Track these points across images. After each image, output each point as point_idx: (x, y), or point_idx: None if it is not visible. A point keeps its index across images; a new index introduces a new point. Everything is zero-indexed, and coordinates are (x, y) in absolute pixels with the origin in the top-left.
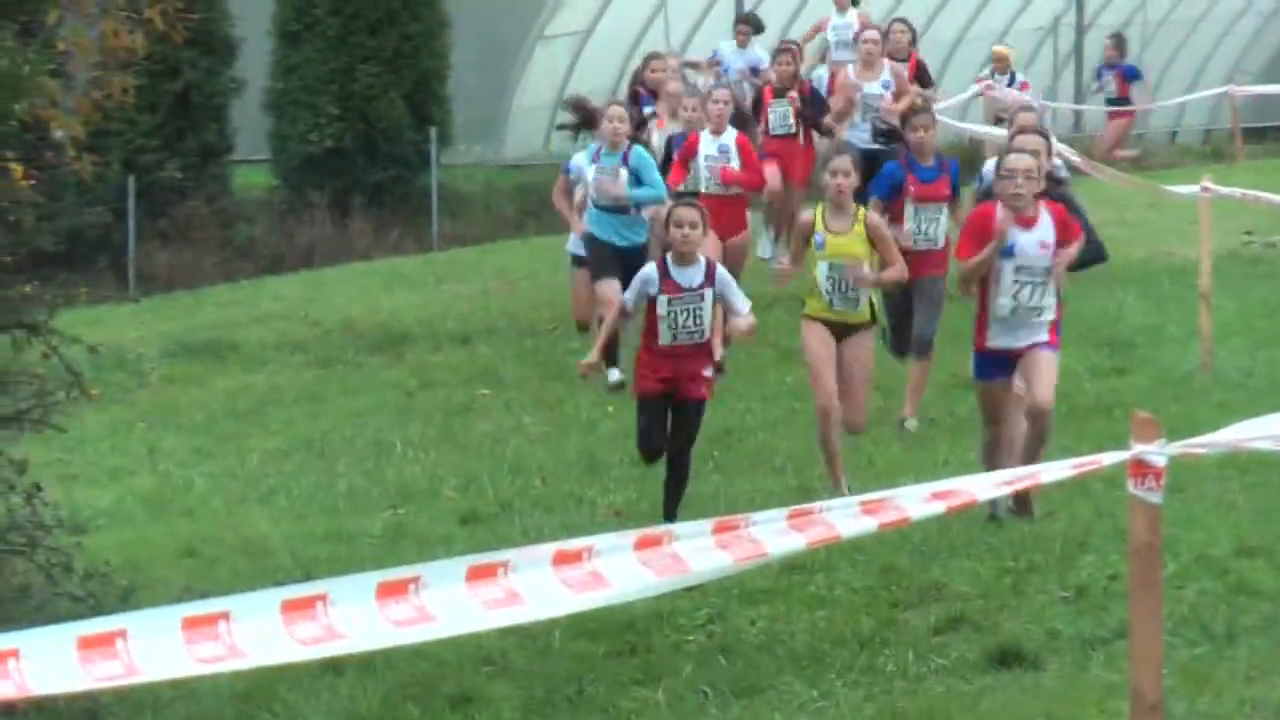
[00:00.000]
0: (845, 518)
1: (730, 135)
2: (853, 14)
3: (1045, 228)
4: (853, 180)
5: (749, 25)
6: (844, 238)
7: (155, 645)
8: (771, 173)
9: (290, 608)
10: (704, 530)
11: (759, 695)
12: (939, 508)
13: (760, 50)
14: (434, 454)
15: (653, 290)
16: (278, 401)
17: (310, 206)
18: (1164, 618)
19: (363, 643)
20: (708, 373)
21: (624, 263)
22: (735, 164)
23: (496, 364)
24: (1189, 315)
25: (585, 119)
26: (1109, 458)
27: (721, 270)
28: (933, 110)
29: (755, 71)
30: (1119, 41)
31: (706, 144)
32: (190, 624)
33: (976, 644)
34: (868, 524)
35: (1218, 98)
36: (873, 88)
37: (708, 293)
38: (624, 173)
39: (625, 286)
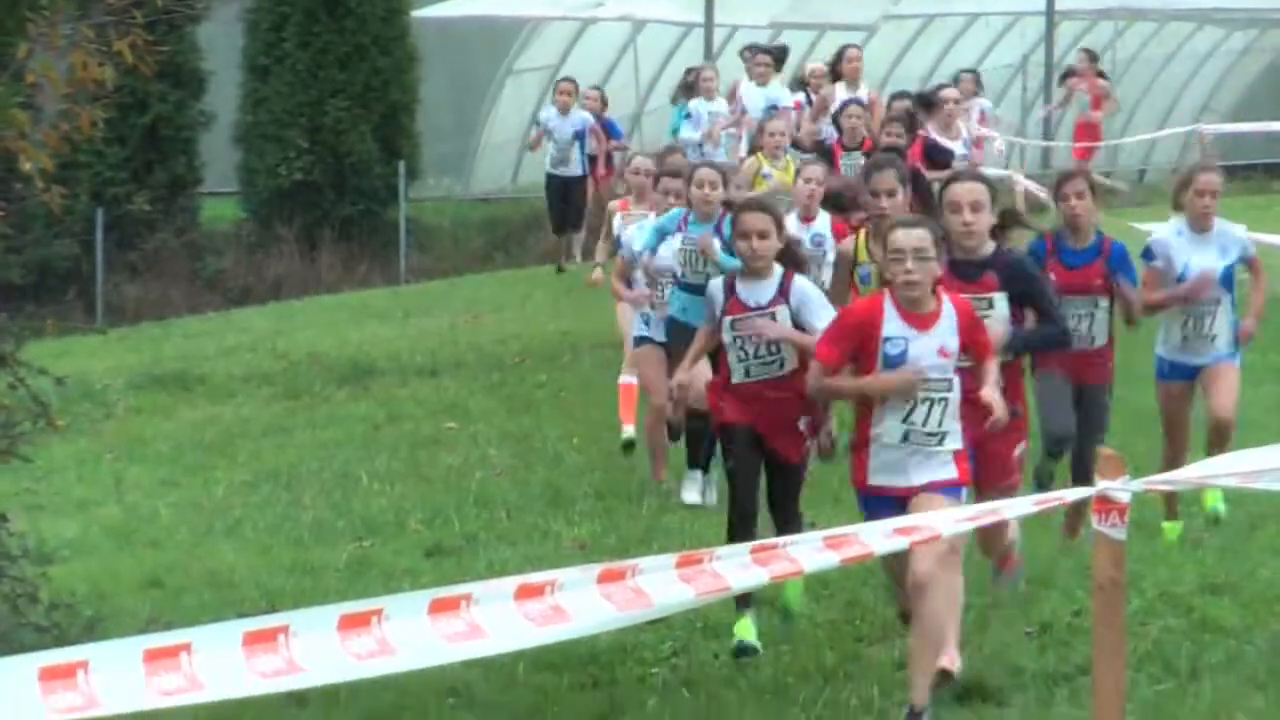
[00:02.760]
0: (809, 552)
1: (824, 222)
2: (864, 90)
3: (947, 328)
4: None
5: (770, 57)
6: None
7: (116, 677)
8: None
9: (252, 640)
10: (667, 564)
11: None
12: (903, 543)
13: (780, 87)
14: (400, 487)
15: (717, 310)
16: (244, 433)
17: (279, 239)
18: (1128, 654)
19: (324, 675)
20: (801, 425)
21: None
22: (831, 257)
23: (463, 397)
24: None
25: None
26: (1073, 494)
27: (802, 283)
28: (1088, 175)
29: (774, 109)
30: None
31: (796, 231)
32: (152, 656)
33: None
34: (831, 558)
35: (1187, 135)
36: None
37: (781, 310)
38: (717, 243)
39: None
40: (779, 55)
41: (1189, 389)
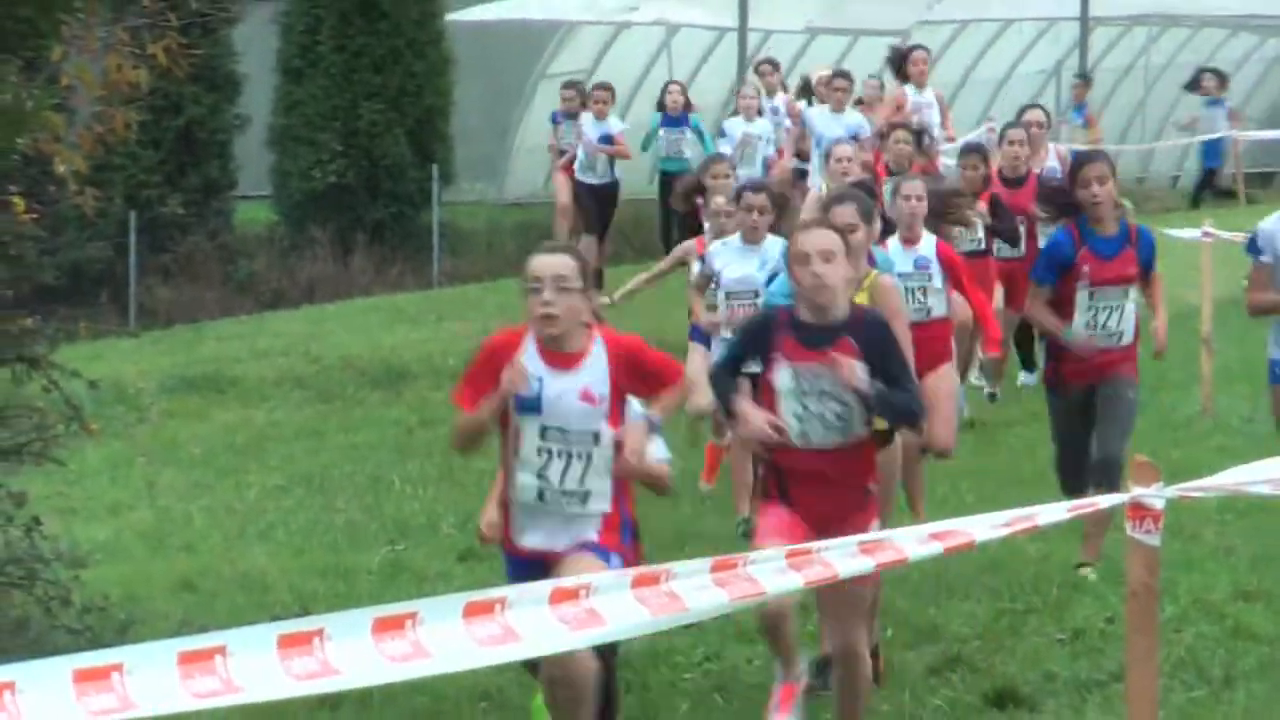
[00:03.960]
0: (843, 557)
1: (929, 244)
2: (930, 91)
3: (594, 370)
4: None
5: (848, 81)
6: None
7: (151, 679)
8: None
9: (287, 643)
10: (702, 569)
11: None
12: (937, 548)
13: (858, 114)
14: (433, 490)
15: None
16: (277, 437)
17: (312, 243)
18: (1161, 661)
19: (359, 678)
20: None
21: None
22: (938, 283)
23: None
24: (1190, 360)
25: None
26: (1107, 500)
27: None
28: (1109, 158)
29: (855, 139)
30: (1087, 82)
31: (898, 259)
32: (187, 658)
33: (973, 685)
34: (865, 564)
35: (1221, 142)
36: None
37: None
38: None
39: None
40: (847, 76)
41: None
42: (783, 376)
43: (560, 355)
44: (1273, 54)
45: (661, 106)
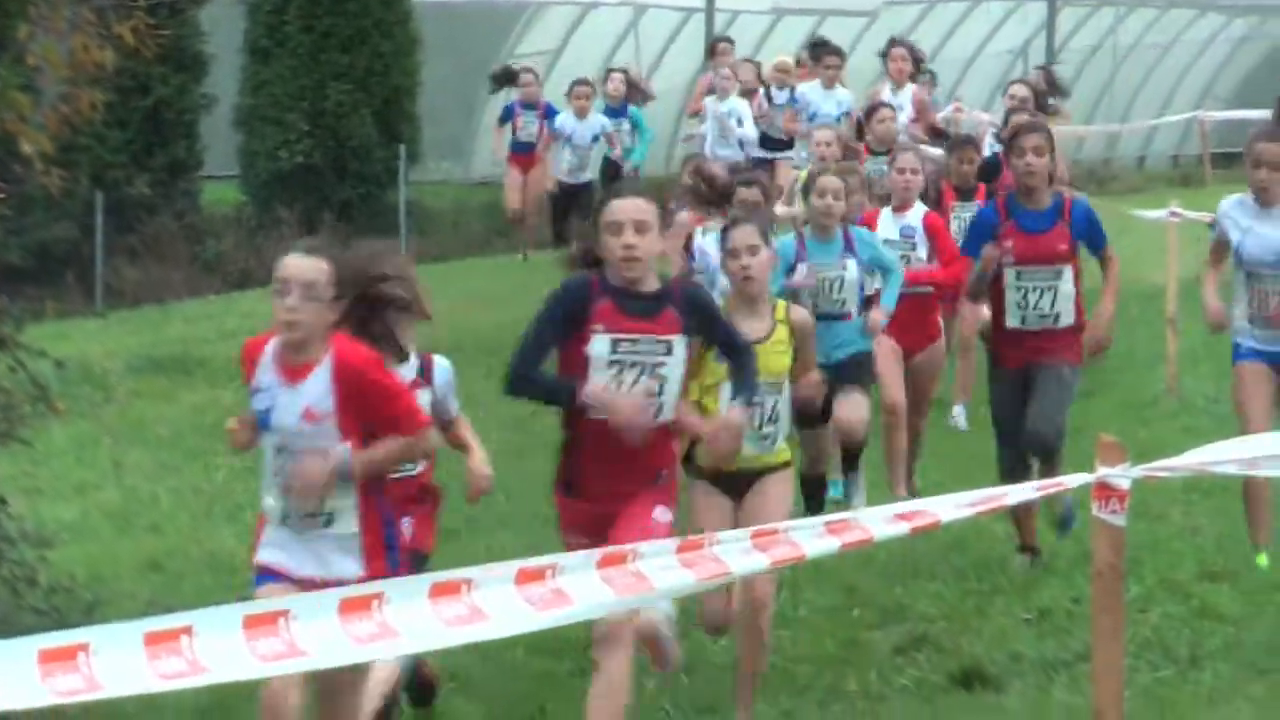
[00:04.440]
0: (809, 537)
1: (917, 214)
2: (909, 91)
3: (318, 385)
4: (764, 257)
5: (839, 58)
6: (761, 345)
7: (117, 660)
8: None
9: (253, 623)
10: (668, 549)
11: (721, 714)
12: (903, 528)
13: (845, 91)
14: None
15: None
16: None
17: (279, 223)
18: (1126, 641)
19: (325, 659)
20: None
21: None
22: (922, 253)
23: (463, 381)
24: (1156, 340)
25: None
26: (1073, 480)
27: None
28: (1048, 130)
29: (848, 116)
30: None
31: (886, 226)
32: (153, 639)
33: (939, 665)
34: (831, 544)
35: (1187, 123)
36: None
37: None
38: (851, 262)
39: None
40: (839, 52)
41: None
42: (599, 345)
43: (292, 368)
44: (1239, 34)
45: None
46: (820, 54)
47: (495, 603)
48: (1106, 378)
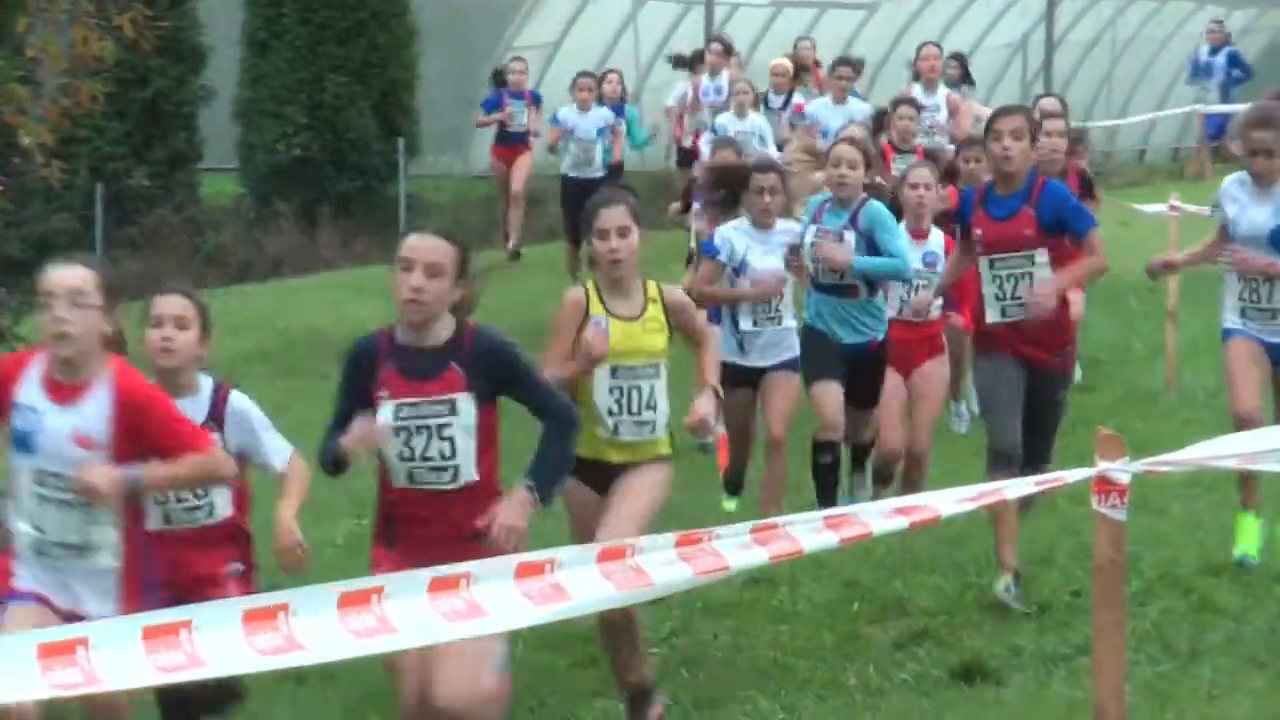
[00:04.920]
0: (808, 532)
1: (937, 238)
2: (943, 92)
3: (95, 409)
4: (633, 240)
5: (852, 69)
6: (634, 324)
7: (116, 654)
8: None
9: (252, 618)
10: (667, 543)
11: (721, 708)
12: (902, 523)
13: (862, 103)
14: None
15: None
16: None
17: (277, 216)
18: (1127, 635)
19: (324, 653)
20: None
21: (853, 363)
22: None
23: None
24: (1156, 333)
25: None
26: (1074, 474)
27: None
28: (1031, 115)
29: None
30: (962, 61)
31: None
32: (151, 633)
33: (939, 659)
34: (830, 539)
35: (1186, 116)
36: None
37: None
38: (849, 236)
39: (855, 394)
40: (860, 67)
41: None
42: (385, 412)
43: (63, 387)
44: (1238, 26)
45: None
46: (835, 65)
47: (494, 598)
48: (1106, 371)
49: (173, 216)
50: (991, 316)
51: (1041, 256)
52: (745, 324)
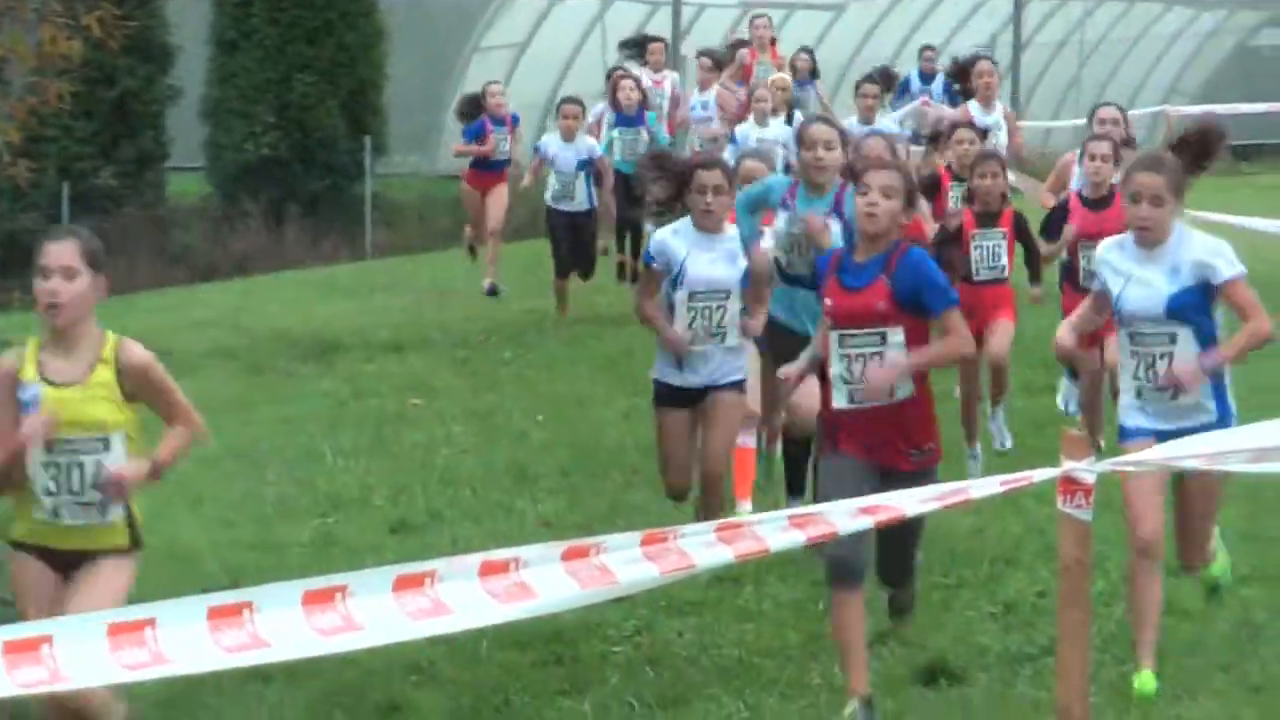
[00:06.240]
0: (774, 531)
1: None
2: (999, 110)
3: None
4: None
5: (878, 87)
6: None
7: (80, 651)
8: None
9: (217, 615)
10: (632, 542)
11: (686, 707)
12: (867, 522)
13: (889, 121)
14: (365, 463)
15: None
16: (208, 409)
17: (245, 214)
18: (1092, 635)
19: (288, 651)
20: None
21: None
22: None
23: (428, 374)
24: None
25: None
26: (1039, 474)
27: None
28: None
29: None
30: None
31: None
32: (116, 630)
33: (905, 659)
34: (796, 538)
35: (1154, 117)
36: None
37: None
38: (835, 226)
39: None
40: (888, 82)
41: None
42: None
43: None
44: (1207, 28)
45: (616, 105)
46: (860, 83)
47: (459, 596)
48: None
49: (140, 215)
50: (838, 402)
51: (896, 335)
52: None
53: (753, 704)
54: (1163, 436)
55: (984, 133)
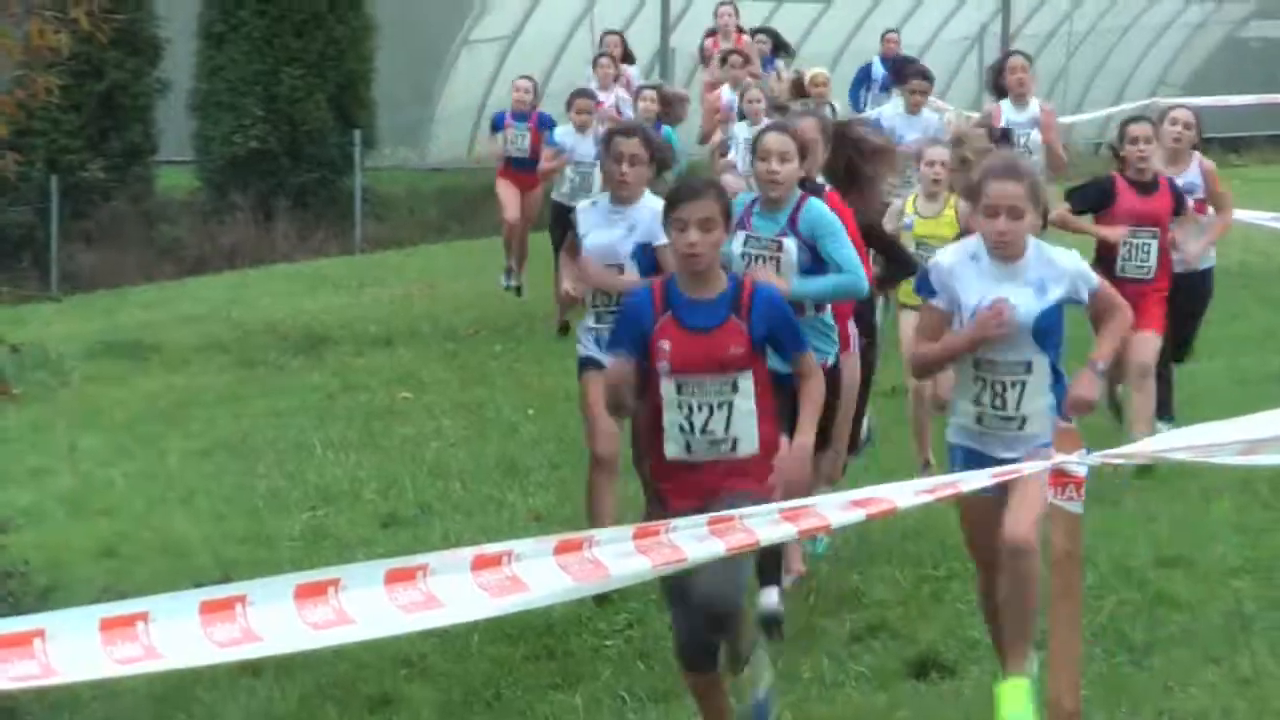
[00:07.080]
0: (765, 524)
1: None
2: (1034, 106)
3: None
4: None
5: (928, 81)
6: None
7: (73, 646)
8: None
9: (209, 609)
10: (624, 535)
11: (677, 700)
12: (859, 515)
13: (934, 114)
14: (355, 456)
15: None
16: (199, 402)
17: (234, 208)
18: (1083, 627)
19: (281, 645)
20: None
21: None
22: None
23: (418, 367)
24: None
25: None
26: (1030, 467)
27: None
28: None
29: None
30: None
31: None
32: (109, 625)
33: (895, 652)
34: (788, 530)
35: (1143, 109)
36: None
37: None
38: (790, 246)
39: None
40: (926, 75)
41: None
42: None
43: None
44: (1195, 20)
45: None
46: (906, 76)
47: (451, 589)
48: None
49: (128, 209)
50: (672, 452)
51: (746, 381)
52: (589, 320)
53: (742, 698)
54: (995, 464)
55: (1005, 133)
